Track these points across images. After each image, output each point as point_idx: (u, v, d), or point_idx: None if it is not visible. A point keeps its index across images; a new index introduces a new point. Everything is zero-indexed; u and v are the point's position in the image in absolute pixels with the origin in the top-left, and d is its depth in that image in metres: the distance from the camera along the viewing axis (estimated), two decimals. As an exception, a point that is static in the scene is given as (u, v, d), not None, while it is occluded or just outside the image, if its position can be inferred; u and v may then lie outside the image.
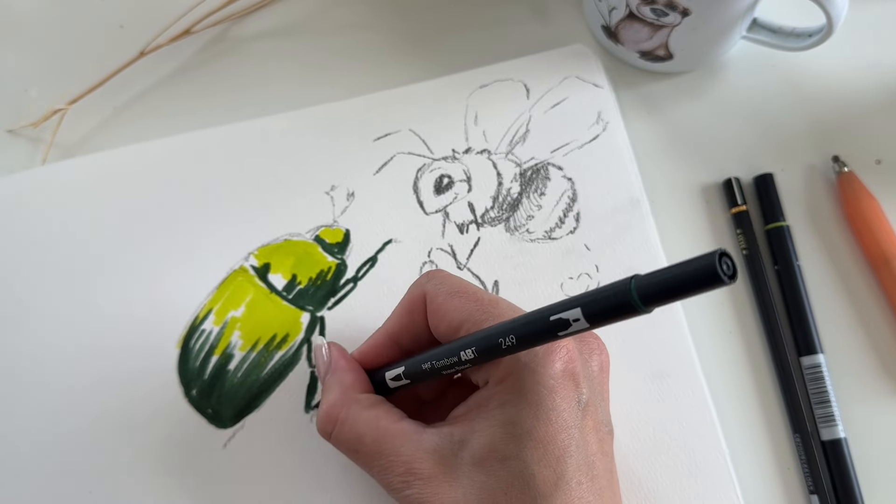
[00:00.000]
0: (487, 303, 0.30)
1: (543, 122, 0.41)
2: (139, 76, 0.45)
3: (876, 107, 0.43)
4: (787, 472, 0.37)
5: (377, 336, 0.33)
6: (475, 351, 0.28)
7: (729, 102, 0.43)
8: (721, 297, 0.40)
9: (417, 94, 0.42)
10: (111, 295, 0.39)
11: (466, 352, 0.28)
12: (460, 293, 0.30)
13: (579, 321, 0.24)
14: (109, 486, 0.36)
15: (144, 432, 0.36)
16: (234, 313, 0.38)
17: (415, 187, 0.40)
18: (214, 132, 0.42)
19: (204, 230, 0.40)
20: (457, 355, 0.28)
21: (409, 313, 0.32)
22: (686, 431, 0.36)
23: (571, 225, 0.40)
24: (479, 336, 0.28)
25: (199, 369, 0.37)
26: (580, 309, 0.24)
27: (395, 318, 0.33)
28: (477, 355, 0.28)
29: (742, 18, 0.39)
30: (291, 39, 0.45)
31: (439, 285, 0.31)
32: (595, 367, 0.30)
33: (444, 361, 0.29)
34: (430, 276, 0.32)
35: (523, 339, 0.26)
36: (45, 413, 0.37)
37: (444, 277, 0.31)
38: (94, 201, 0.40)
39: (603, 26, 0.42)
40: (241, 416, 0.37)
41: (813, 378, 0.38)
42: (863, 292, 0.40)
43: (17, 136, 0.44)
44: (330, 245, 0.39)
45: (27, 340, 0.38)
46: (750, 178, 0.42)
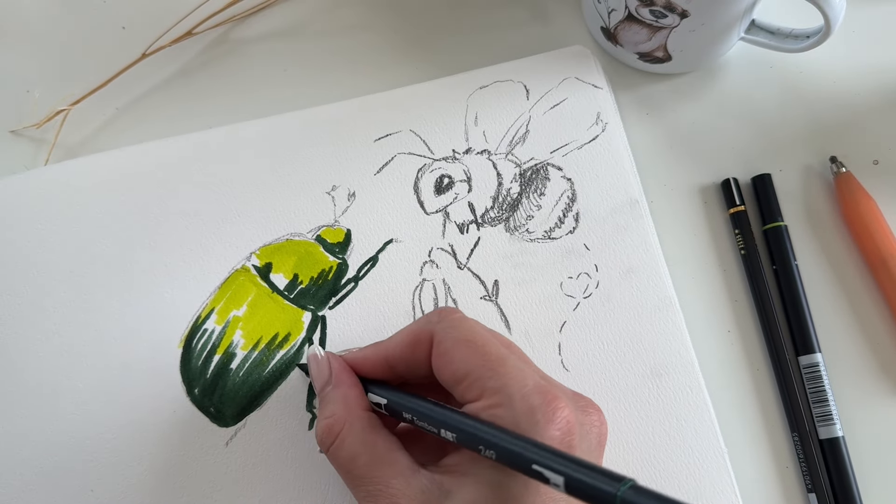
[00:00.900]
0: (495, 360, 0.29)
1: (543, 122, 0.42)
2: (141, 77, 0.45)
3: (873, 108, 0.43)
4: (784, 470, 0.38)
5: (373, 352, 0.33)
6: (455, 439, 0.27)
7: (727, 103, 0.44)
8: (719, 297, 0.40)
9: (418, 95, 0.42)
10: (113, 295, 0.39)
11: (446, 433, 0.28)
12: (469, 342, 0.29)
13: (559, 487, 0.24)
14: (111, 485, 0.36)
15: (147, 431, 0.37)
16: (236, 313, 0.38)
17: (415, 187, 0.41)
18: (216, 133, 0.42)
19: (206, 230, 0.40)
20: (438, 428, 0.28)
21: (412, 346, 0.31)
22: (684, 430, 0.36)
23: (571, 225, 0.40)
24: (464, 428, 0.27)
25: (201, 368, 0.37)
26: (563, 479, 0.24)
27: (397, 346, 0.32)
28: (455, 442, 0.28)
29: (740, 20, 0.40)
30: (293, 41, 0.46)
31: (448, 329, 0.30)
32: (593, 440, 0.29)
33: (424, 424, 0.29)
34: (442, 315, 0.31)
35: (501, 461, 0.26)
36: (46, 412, 0.37)
37: (454, 321, 0.30)
38: (97, 202, 0.40)
39: (602, 28, 0.43)
40: (243, 414, 0.37)
41: (811, 377, 0.38)
42: (860, 292, 0.40)
43: (19, 136, 0.44)
44: (331, 245, 0.39)
45: (29, 340, 0.38)
46: (748, 179, 0.42)
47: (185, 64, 0.45)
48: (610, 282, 0.39)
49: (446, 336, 0.30)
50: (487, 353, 0.29)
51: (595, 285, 0.39)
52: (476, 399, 0.28)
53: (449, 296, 0.39)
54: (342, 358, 0.33)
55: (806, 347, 0.39)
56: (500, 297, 0.39)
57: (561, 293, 0.39)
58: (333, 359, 0.33)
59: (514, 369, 0.28)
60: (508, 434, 0.26)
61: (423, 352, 0.31)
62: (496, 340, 0.30)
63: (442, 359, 0.30)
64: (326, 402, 0.32)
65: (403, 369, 0.32)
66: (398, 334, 0.32)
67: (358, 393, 0.32)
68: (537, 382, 0.28)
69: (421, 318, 0.32)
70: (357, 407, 0.31)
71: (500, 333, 0.32)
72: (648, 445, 0.36)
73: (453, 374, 0.29)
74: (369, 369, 0.32)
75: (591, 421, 0.30)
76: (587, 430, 0.29)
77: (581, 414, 0.29)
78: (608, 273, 0.39)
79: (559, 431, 0.27)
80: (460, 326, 0.30)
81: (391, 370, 0.32)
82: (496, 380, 0.28)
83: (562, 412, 0.27)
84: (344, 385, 0.32)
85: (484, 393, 0.28)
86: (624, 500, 0.22)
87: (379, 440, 0.30)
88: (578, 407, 0.29)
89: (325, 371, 0.33)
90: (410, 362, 0.31)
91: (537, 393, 0.27)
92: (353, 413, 0.31)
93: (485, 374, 0.28)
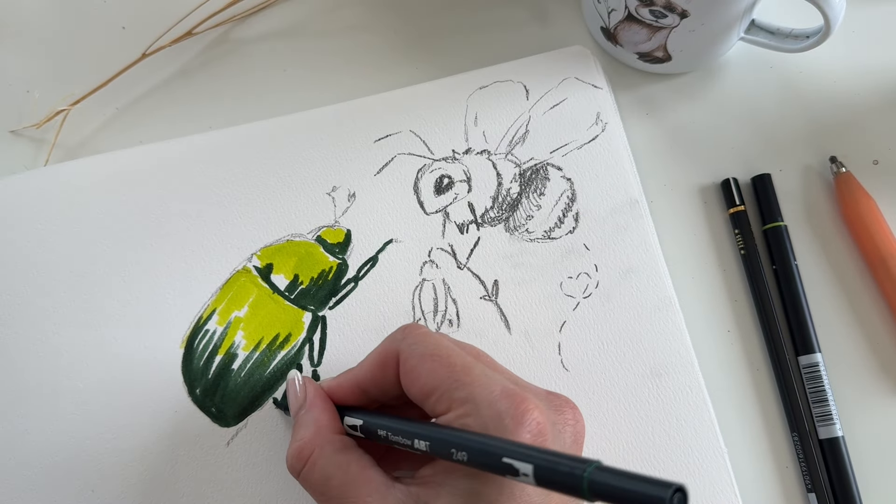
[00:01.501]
0: (460, 370, 0.29)
1: (543, 122, 0.42)
2: (141, 78, 0.45)
3: (873, 108, 0.43)
4: (784, 470, 0.38)
5: (345, 379, 0.33)
6: (428, 447, 0.27)
7: (727, 103, 0.44)
8: (719, 297, 0.40)
9: (418, 96, 0.42)
10: (114, 295, 0.39)
11: (420, 442, 0.28)
12: (433, 356, 0.29)
13: (528, 477, 0.24)
14: (112, 485, 0.36)
15: (148, 431, 0.37)
16: (238, 313, 0.38)
17: (415, 188, 0.41)
18: (216, 134, 0.42)
19: (207, 231, 0.40)
20: (411, 440, 0.28)
21: (381, 368, 0.31)
22: (684, 430, 0.36)
23: (570, 225, 0.40)
24: (435, 436, 0.27)
25: (202, 369, 0.38)
26: (532, 467, 0.24)
27: (367, 369, 0.32)
28: (429, 451, 0.28)
29: (740, 20, 0.40)
30: (293, 41, 0.46)
31: (413, 345, 0.30)
32: (568, 439, 0.29)
33: (398, 438, 0.29)
34: (406, 332, 0.31)
35: (473, 462, 0.26)
36: (48, 412, 0.37)
37: (418, 337, 0.30)
38: (97, 202, 0.40)
39: (602, 28, 0.43)
40: (245, 414, 0.37)
41: (810, 377, 0.38)
42: (860, 292, 0.40)
43: (19, 136, 0.44)
44: (331, 245, 0.39)
45: (29, 340, 0.38)
46: (748, 179, 0.42)
47: (185, 64, 0.45)
48: (610, 282, 0.39)
49: (412, 353, 0.30)
50: (452, 364, 0.29)
51: (595, 285, 0.39)
52: (446, 411, 0.28)
53: (449, 296, 0.39)
54: (317, 384, 0.33)
55: (806, 347, 0.39)
56: (500, 297, 0.39)
57: (561, 293, 0.39)
58: (309, 383, 0.33)
59: (481, 377, 0.28)
60: (478, 434, 0.27)
61: (392, 371, 0.31)
62: (461, 351, 0.30)
63: (409, 376, 0.30)
64: (298, 427, 0.31)
65: (376, 392, 0.32)
66: (367, 358, 0.32)
67: (330, 417, 0.32)
68: (505, 387, 0.28)
69: (386, 338, 0.32)
70: (328, 430, 0.31)
71: (468, 344, 0.32)
72: (648, 445, 0.36)
73: (421, 390, 0.29)
74: (343, 396, 0.32)
75: (564, 419, 0.29)
76: (560, 428, 0.29)
77: (554, 413, 0.29)
78: (608, 273, 0.39)
79: (529, 434, 0.27)
80: (424, 341, 0.30)
81: (364, 394, 0.32)
82: (463, 390, 0.28)
83: (531, 414, 0.27)
84: (316, 409, 0.32)
85: (452, 404, 0.28)
86: (591, 480, 0.22)
87: (352, 459, 0.30)
88: (552, 406, 0.29)
89: (300, 395, 0.32)
90: (381, 384, 0.31)
91: (504, 398, 0.27)
92: (323, 436, 0.30)
93: (451, 385, 0.28)
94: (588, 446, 0.36)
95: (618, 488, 0.22)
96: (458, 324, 0.38)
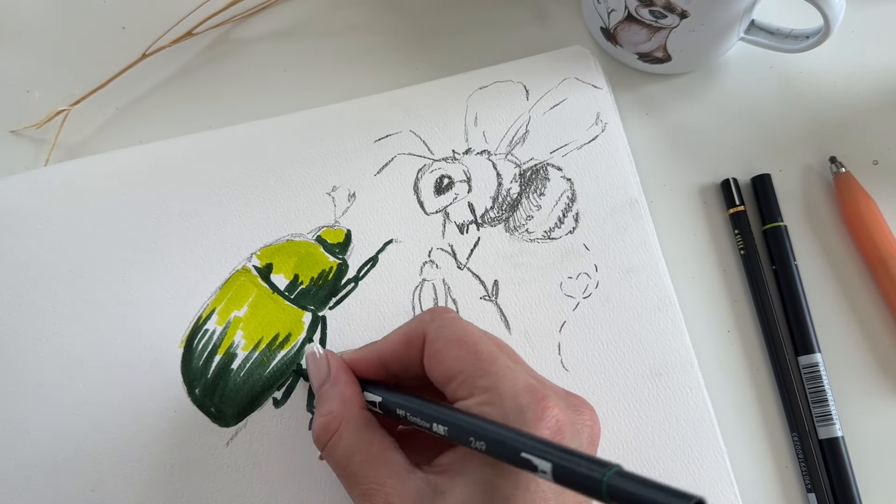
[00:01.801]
0: (486, 358, 0.29)
1: (543, 123, 0.42)
2: (141, 78, 0.45)
3: (873, 108, 0.43)
4: (784, 470, 0.38)
5: (368, 352, 0.33)
6: (447, 432, 0.27)
7: (727, 104, 0.44)
8: (719, 297, 0.40)
9: (418, 96, 0.42)
10: (114, 295, 0.39)
11: (438, 426, 0.28)
12: (460, 341, 0.29)
13: (546, 473, 0.24)
14: (111, 485, 0.36)
15: (147, 431, 0.37)
16: (237, 313, 0.38)
17: (415, 188, 0.41)
18: (216, 133, 0.42)
19: (207, 231, 0.40)
20: (430, 423, 0.28)
21: (405, 346, 0.31)
22: (684, 430, 0.36)
23: (570, 225, 0.40)
24: (455, 421, 0.27)
25: (202, 368, 0.38)
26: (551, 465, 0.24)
27: (391, 345, 0.32)
28: (447, 436, 0.28)
29: (740, 20, 0.40)
30: (293, 41, 0.46)
31: (441, 328, 0.30)
32: (585, 440, 0.29)
33: (417, 419, 0.29)
34: (435, 315, 0.31)
35: (491, 451, 0.26)
36: (47, 411, 0.37)
37: (447, 320, 0.31)
38: (97, 202, 0.40)
39: (602, 28, 0.43)
40: (244, 414, 0.37)
41: (810, 377, 0.38)
42: (860, 292, 0.40)
43: (19, 136, 0.44)
44: (331, 245, 0.39)
45: (30, 340, 0.38)
46: (747, 179, 0.42)
47: (186, 64, 0.45)
48: (610, 282, 0.39)
49: (439, 335, 0.30)
50: (479, 351, 0.29)
51: (595, 285, 0.39)
52: (467, 397, 0.29)
53: (449, 296, 0.39)
54: (340, 357, 0.33)
55: (805, 347, 0.39)
56: (500, 297, 0.39)
57: (560, 293, 0.39)
58: (332, 357, 0.33)
59: (505, 368, 0.29)
60: (498, 425, 0.27)
61: (416, 351, 0.31)
62: (488, 340, 0.30)
63: (434, 358, 0.30)
64: (324, 400, 0.32)
65: (397, 368, 0.32)
66: (392, 334, 0.32)
67: (355, 391, 0.32)
68: (528, 382, 0.28)
69: (414, 317, 0.32)
70: (354, 405, 0.31)
71: (492, 334, 0.32)
72: (648, 445, 0.36)
73: (445, 373, 0.29)
74: (364, 369, 0.33)
75: (582, 420, 0.30)
76: (578, 429, 0.29)
77: (573, 413, 0.29)
78: (608, 273, 0.39)
79: (548, 431, 0.27)
80: (452, 326, 0.30)
81: (385, 369, 0.32)
82: (486, 378, 0.28)
83: (551, 411, 0.27)
84: (341, 382, 0.32)
85: (474, 391, 0.28)
86: (610, 484, 0.22)
87: (375, 439, 0.30)
88: (570, 406, 0.29)
89: (323, 369, 0.33)
90: (404, 361, 0.31)
91: (527, 392, 0.28)
92: (349, 410, 0.31)
93: (475, 372, 0.28)
94: (588, 446, 0.36)
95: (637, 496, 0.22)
96: (458, 324, 0.38)
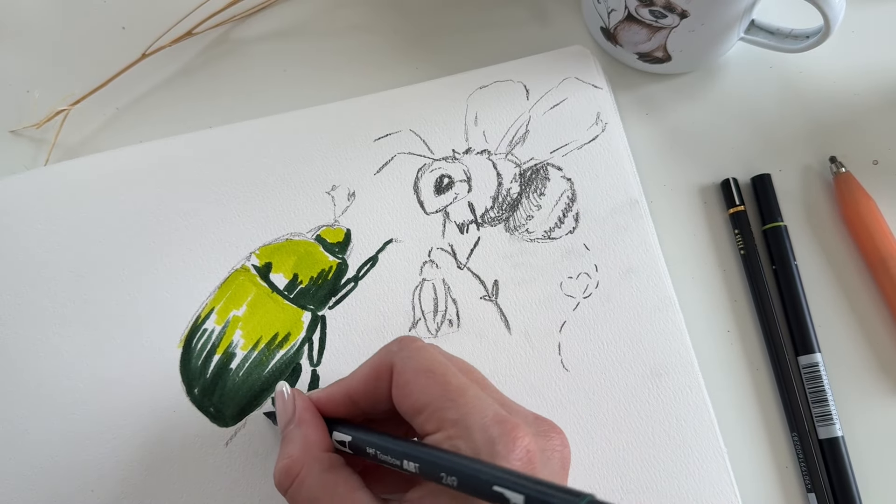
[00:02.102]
0: (454, 390, 0.28)
1: (543, 122, 0.42)
2: (141, 77, 0.45)
3: (873, 108, 0.43)
4: (784, 470, 0.38)
5: (336, 390, 0.32)
6: (417, 469, 0.27)
7: (727, 104, 0.44)
8: (719, 297, 0.40)
9: (418, 95, 0.42)
10: (113, 294, 0.39)
11: (409, 463, 0.27)
12: (428, 372, 0.29)
13: None
14: (111, 485, 0.36)
15: (147, 431, 0.37)
16: (236, 312, 0.38)
17: (415, 187, 0.41)
18: (216, 133, 0.42)
19: (206, 230, 0.40)
20: (400, 460, 0.28)
21: (373, 379, 0.30)
22: (684, 430, 0.36)
23: (570, 225, 0.40)
24: (425, 457, 0.27)
25: (201, 368, 0.38)
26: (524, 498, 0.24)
27: (359, 380, 0.31)
28: (418, 473, 0.27)
29: (740, 20, 0.40)
30: (293, 41, 0.46)
31: (408, 359, 0.29)
32: (556, 465, 0.29)
33: (387, 458, 0.28)
34: (402, 345, 0.30)
35: (462, 487, 0.26)
36: (47, 411, 0.37)
37: (414, 350, 0.30)
38: (97, 202, 0.40)
39: (602, 28, 0.43)
40: (243, 414, 0.37)
41: (810, 377, 0.38)
42: (860, 292, 0.40)
43: (19, 136, 0.44)
44: (331, 244, 0.39)
45: (30, 340, 0.38)
46: (747, 179, 0.42)
47: (186, 64, 0.45)
48: (610, 282, 0.39)
49: (406, 366, 0.29)
50: (447, 383, 0.28)
51: (595, 285, 0.39)
52: (436, 431, 0.28)
53: (449, 296, 0.39)
54: (307, 397, 0.33)
55: (805, 347, 0.39)
56: (500, 297, 0.39)
57: (561, 293, 0.39)
58: (299, 396, 0.32)
59: (474, 399, 0.28)
60: (468, 459, 0.26)
61: (385, 383, 0.30)
62: (456, 369, 0.30)
63: (402, 390, 0.29)
64: (286, 442, 0.31)
65: (367, 404, 0.31)
66: (359, 368, 0.32)
67: (319, 433, 0.31)
68: (496, 412, 0.28)
69: (381, 348, 0.31)
70: (317, 447, 0.30)
71: (461, 360, 0.32)
72: (648, 445, 0.36)
73: (413, 406, 0.29)
74: (333, 408, 0.32)
75: (552, 446, 0.29)
76: (549, 455, 0.29)
77: (542, 440, 0.29)
78: (608, 273, 0.39)
79: (519, 462, 0.26)
80: (419, 356, 0.30)
81: (355, 406, 0.32)
82: (455, 411, 0.28)
83: (521, 441, 0.27)
84: (305, 424, 0.31)
85: (443, 424, 0.28)
86: None
87: (340, 480, 0.29)
88: (540, 432, 0.29)
89: (289, 409, 0.32)
90: (373, 395, 0.31)
91: (496, 423, 0.27)
92: (311, 454, 0.30)
93: (444, 404, 0.28)
94: (588, 447, 0.36)
95: None
96: (458, 324, 0.38)
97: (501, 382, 0.37)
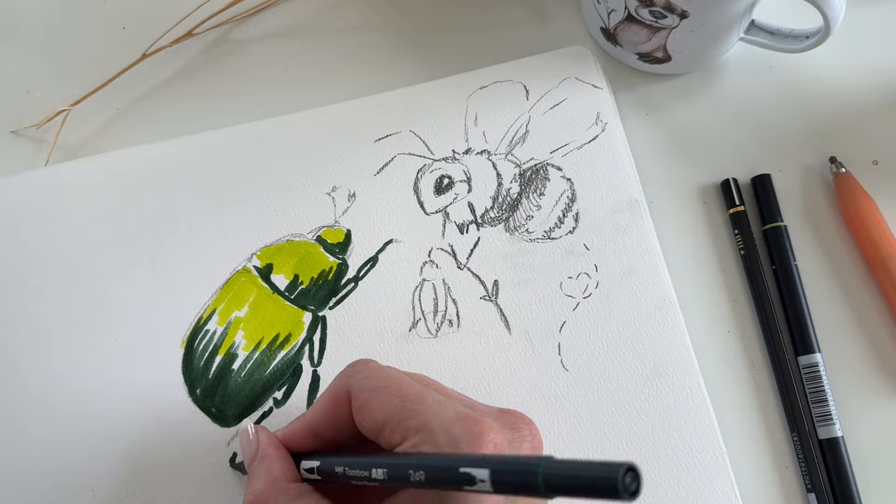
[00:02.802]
0: (412, 399, 0.28)
1: (543, 122, 0.42)
2: (142, 78, 0.45)
3: (873, 108, 0.43)
4: (784, 470, 0.38)
5: (298, 425, 0.32)
6: (385, 474, 0.27)
7: (727, 104, 0.44)
8: (719, 297, 0.40)
9: (418, 96, 0.42)
10: (114, 295, 0.39)
11: (377, 471, 0.27)
12: (384, 389, 0.29)
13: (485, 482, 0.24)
14: (112, 485, 0.36)
15: (148, 431, 0.37)
16: (238, 313, 0.38)
17: (415, 188, 0.41)
18: (216, 134, 0.42)
19: (207, 231, 0.40)
20: (368, 471, 0.28)
21: (333, 406, 0.30)
22: (684, 430, 0.36)
23: (570, 225, 0.40)
24: (391, 461, 0.27)
25: (203, 369, 0.38)
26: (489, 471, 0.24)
27: (318, 412, 0.31)
28: (387, 479, 0.27)
29: (740, 20, 0.40)
30: (293, 41, 0.46)
31: (363, 381, 0.30)
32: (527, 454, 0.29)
33: (356, 472, 0.28)
34: (356, 369, 0.30)
35: (431, 480, 0.25)
36: (47, 412, 0.37)
37: (368, 372, 0.30)
38: (97, 202, 0.40)
39: (602, 28, 0.43)
40: (245, 414, 0.37)
41: (810, 377, 0.38)
42: (860, 292, 0.40)
43: (20, 137, 0.44)
44: (331, 245, 0.40)
45: (30, 340, 0.38)
46: (747, 179, 0.42)
47: (186, 64, 0.45)
48: (610, 282, 0.39)
49: (363, 387, 0.29)
50: (404, 394, 0.28)
51: (595, 285, 0.39)
52: (401, 441, 0.28)
53: (449, 296, 0.39)
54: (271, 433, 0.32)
55: (805, 347, 0.39)
56: (500, 297, 0.39)
57: (561, 293, 0.39)
58: (262, 433, 0.32)
59: (434, 404, 0.28)
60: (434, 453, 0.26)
61: (345, 409, 0.30)
62: (413, 380, 0.30)
63: (362, 411, 0.29)
64: (251, 478, 0.31)
65: (331, 434, 0.31)
66: (318, 400, 0.32)
67: (284, 465, 0.31)
68: (458, 411, 0.28)
69: (336, 376, 0.31)
70: (282, 479, 0.30)
71: (418, 374, 0.31)
72: (648, 445, 0.36)
73: (375, 423, 0.29)
74: (297, 442, 0.32)
75: (521, 437, 0.29)
76: (518, 446, 0.29)
77: (510, 431, 0.29)
78: (608, 273, 0.39)
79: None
80: (375, 375, 0.30)
81: (319, 438, 0.31)
82: (416, 418, 0.28)
83: (487, 435, 0.27)
84: (268, 458, 0.31)
85: (407, 434, 0.28)
86: (546, 475, 0.22)
87: None
88: (507, 425, 0.29)
89: (252, 446, 0.32)
90: (335, 424, 0.31)
91: (458, 422, 0.27)
92: (277, 486, 0.30)
93: (405, 415, 0.28)
94: (588, 447, 0.36)
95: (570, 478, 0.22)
96: (458, 324, 0.38)
97: (501, 382, 0.37)
